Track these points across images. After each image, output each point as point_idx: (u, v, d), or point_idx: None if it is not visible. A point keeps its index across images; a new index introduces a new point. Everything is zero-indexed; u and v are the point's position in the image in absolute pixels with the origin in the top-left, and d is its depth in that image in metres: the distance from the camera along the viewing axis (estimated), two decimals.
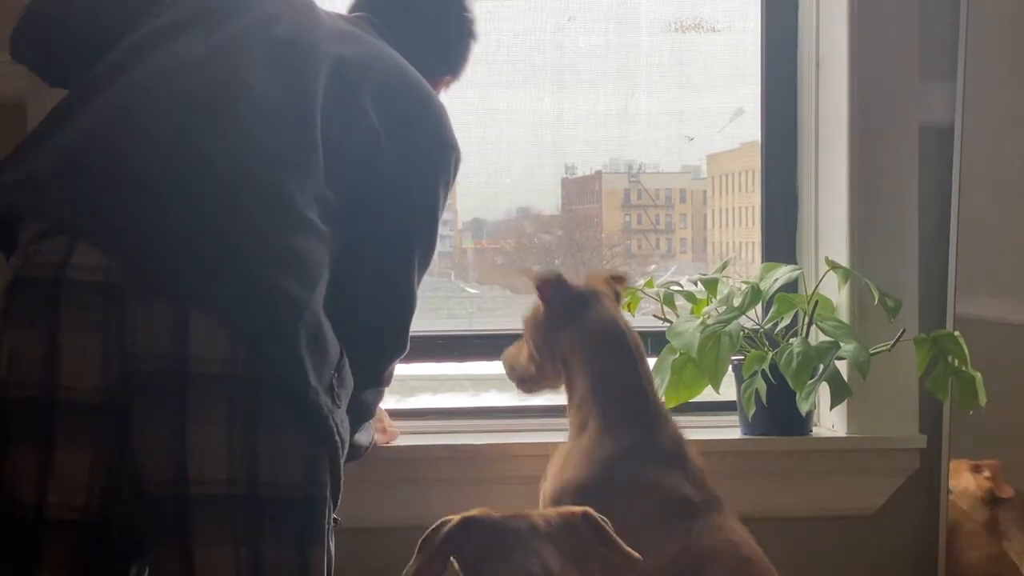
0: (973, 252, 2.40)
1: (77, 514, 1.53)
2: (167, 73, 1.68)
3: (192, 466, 1.54)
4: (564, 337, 2.00)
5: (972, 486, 2.35)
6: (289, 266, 1.60)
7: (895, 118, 2.38)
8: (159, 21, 1.75)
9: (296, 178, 1.65)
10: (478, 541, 1.59)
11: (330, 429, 1.63)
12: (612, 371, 1.97)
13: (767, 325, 2.32)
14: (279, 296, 1.58)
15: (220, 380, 1.54)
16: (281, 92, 1.69)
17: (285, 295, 1.58)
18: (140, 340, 1.53)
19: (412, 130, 1.81)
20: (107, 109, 1.65)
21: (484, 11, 2.49)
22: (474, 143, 2.55)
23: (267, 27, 1.76)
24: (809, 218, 2.50)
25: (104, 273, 1.54)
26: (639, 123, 2.60)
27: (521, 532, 1.58)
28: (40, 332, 1.54)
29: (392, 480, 2.23)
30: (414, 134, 1.81)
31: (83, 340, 1.53)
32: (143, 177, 1.59)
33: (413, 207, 1.82)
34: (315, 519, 1.63)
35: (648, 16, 2.58)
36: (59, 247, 1.55)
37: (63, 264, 1.54)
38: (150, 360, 1.53)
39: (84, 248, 1.55)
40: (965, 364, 2.20)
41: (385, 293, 1.81)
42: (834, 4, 2.42)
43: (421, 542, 1.59)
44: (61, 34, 1.82)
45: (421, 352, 2.44)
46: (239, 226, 1.59)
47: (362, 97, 1.75)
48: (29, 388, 1.54)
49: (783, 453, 2.33)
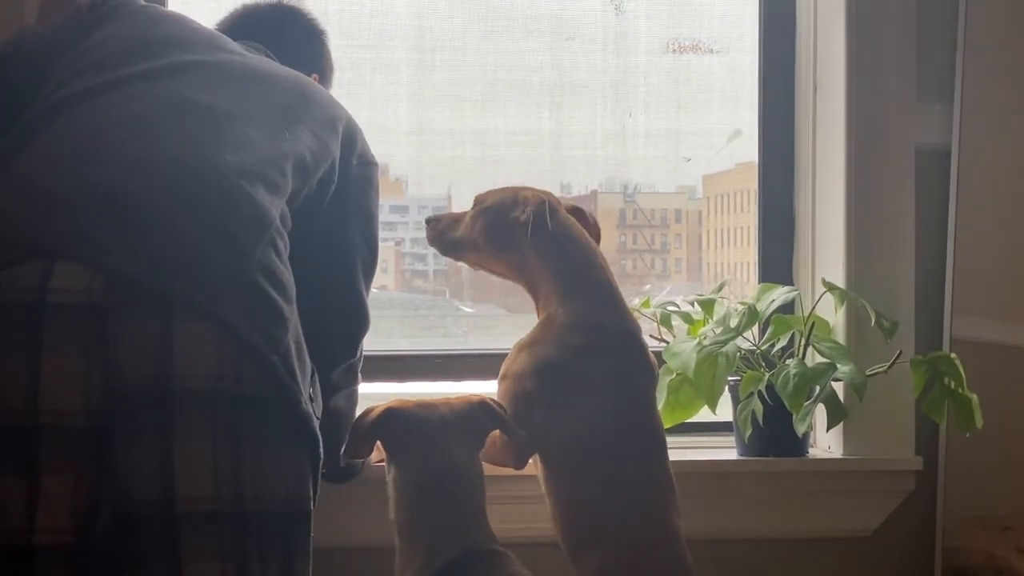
0: (970, 273, 2.40)
1: (66, 537, 1.52)
2: (123, 100, 1.71)
3: (179, 484, 1.53)
4: (528, 240, 2.04)
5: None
6: (274, 281, 1.62)
7: (892, 140, 2.39)
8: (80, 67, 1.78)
9: (270, 195, 1.68)
10: (396, 431, 1.89)
11: (316, 441, 1.65)
12: (577, 266, 2.04)
13: (764, 346, 2.32)
14: (272, 309, 1.60)
15: (205, 396, 1.54)
16: (249, 112, 1.75)
17: (276, 308, 1.60)
18: (125, 360, 1.52)
19: (344, 151, 1.88)
20: (60, 140, 1.66)
21: (481, 33, 2.51)
22: (470, 163, 2.56)
23: (213, 57, 1.83)
24: (806, 239, 2.50)
25: (86, 294, 1.53)
26: (636, 144, 2.61)
27: (432, 423, 1.90)
28: (20, 358, 1.52)
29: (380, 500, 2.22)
30: (345, 155, 1.88)
31: (67, 364, 1.52)
32: (122, 194, 1.59)
33: (352, 228, 1.91)
34: (301, 533, 1.63)
35: (646, 37, 2.58)
36: (35, 271, 1.54)
37: (42, 287, 1.53)
38: (135, 379, 1.52)
39: (64, 270, 1.54)
40: (961, 386, 2.20)
41: (333, 304, 1.88)
42: (832, 26, 2.43)
43: (351, 428, 1.90)
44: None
45: (417, 371, 2.46)
46: (227, 241, 1.60)
47: (303, 118, 1.82)
48: (10, 415, 1.52)
49: (779, 474, 2.33)
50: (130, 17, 1.89)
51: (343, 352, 1.93)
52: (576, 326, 2.00)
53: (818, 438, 2.43)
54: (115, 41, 1.83)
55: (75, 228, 1.57)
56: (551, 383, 1.98)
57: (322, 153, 1.82)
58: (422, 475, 1.87)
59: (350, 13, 2.50)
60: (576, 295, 2.03)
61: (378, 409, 1.90)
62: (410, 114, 2.53)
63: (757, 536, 2.33)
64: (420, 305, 2.70)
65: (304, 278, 1.73)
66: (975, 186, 2.40)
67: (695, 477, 2.19)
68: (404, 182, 2.66)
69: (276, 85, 1.85)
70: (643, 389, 2.03)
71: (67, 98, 1.72)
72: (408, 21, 2.52)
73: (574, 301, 2.02)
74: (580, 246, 2.06)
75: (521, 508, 2.07)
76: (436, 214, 2.20)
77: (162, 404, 1.52)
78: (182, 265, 1.56)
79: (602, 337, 2.00)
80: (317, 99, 1.90)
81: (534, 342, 2.03)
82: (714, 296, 2.35)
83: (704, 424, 2.38)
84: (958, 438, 2.31)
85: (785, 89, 2.54)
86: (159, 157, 1.64)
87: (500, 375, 2.06)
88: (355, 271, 1.92)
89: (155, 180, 1.61)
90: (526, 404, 1.98)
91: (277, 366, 1.58)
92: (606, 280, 2.05)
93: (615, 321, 2.03)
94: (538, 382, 1.99)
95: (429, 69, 2.53)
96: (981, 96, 2.40)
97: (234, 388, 1.55)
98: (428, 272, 2.74)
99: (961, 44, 2.40)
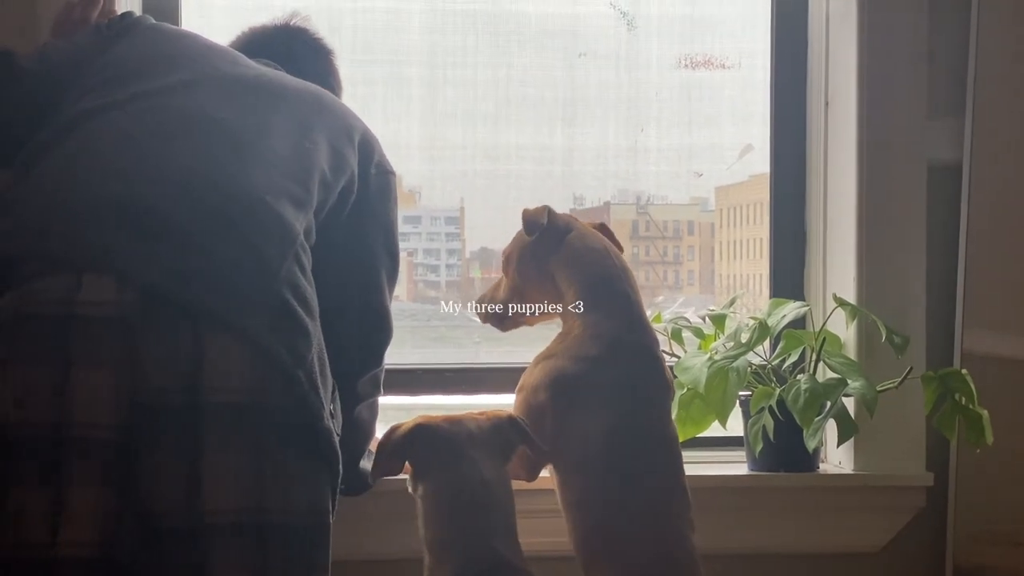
0: (981, 289, 2.40)
1: (90, 551, 1.52)
2: (142, 113, 1.72)
3: (206, 496, 1.54)
4: (553, 259, 2.08)
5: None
6: (299, 296, 1.64)
7: (903, 155, 2.39)
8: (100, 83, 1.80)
9: (295, 210, 1.70)
10: (425, 448, 1.90)
11: (337, 456, 1.66)
12: (598, 279, 2.05)
13: (775, 361, 2.32)
14: (297, 325, 1.62)
15: (232, 410, 1.56)
16: (267, 125, 1.77)
17: (301, 324, 1.62)
18: (153, 373, 1.53)
19: (364, 167, 1.90)
20: (80, 153, 1.68)
21: (495, 48, 2.52)
22: (483, 177, 2.57)
23: (228, 71, 1.85)
24: (817, 255, 2.50)
25: (116, 307, 1.54)
26: (648, 159, 2.61)
27: (461, 439, 1.90)
28: (50, 370, 1.53)
29: (398, 514, 2.23)
30: (363, 165, 1.90)
31: (96, 376, 1.53)
32: (145, 208, 1.61)
33: (374, 238, 1.92)
34: (320, 546, 1.65)
35: (658, 53, 2.59)
36: (63, 284, 1.55)
37: (71, 300, 1.54)
38: (163, 392, 1.54)
39: (92, 283, 1.55)
40: (972, 402, 2.20)
41: (356, 314, 1.89)
42: (843, 42, 2.43)
43: (378, 445, 1.91)
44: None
45: (430, 384, 2.46)
46: (254, 256, 1.62)
47: (320, 130, 1.84)
48: (38, 427, 1.52)
49: (790, 489, 2.33)
50: (146, 34, 1.91)
51: (369, 362, 1.94)
52: (592, 339, 2.01)
53: (829, 454, 2.43)
54: (132, 57, 1.85)
55: (101, 241, 1.58)
56: (564, 396, 1.99)
57: (341, 164, 1.84)
58: (452, 492, 1.88)
59: (363, 29, 2.51)
60: (595, 308, 2.03)
61: (407, 426, 1.91)
62: (422, 129, 2.54)
63: (767, 551, 2.33)
64: (432, 315, 2.70)
65: (327, 288, 1.74)
66: (986, 202, 2.40)
67: (705, 492, 2.19)
68: (417, 193, 2.67)
69: (292, 98, 1.87)
70: (658, 403, 2.04)
71: (86, 112, 1.74)
72: (421, 37, 2.53)
73: (592, 314, 2.03)
74: (600, 257, 2.07)
75: (544, 522, 2.07)
76: (481, 298, 2.22)
77: (190, 417, 1.54)
78: (210, 280, 1.58)
79: (617, 350, 2.01)
80: (333, 110, 1.92)
81: (550, 355, 2.05)
82: (725, 311, 2.36)
83: (715, 439, 2.39)
84: (969, 454, 2.31)
85: (797, 105, 2.54)
86: (180, 171, 1.66)
87: (517, 387, 2.08)
88: (378, 280, 1.94)
89: (179, 194, 1.63)
90: (539, 416, 1.99)
91: (301, 381, 1.60)
92: (625, 292, 2.05)
93: (632, 334, 2.03)
94: (551, 395, 2.00)
95: (441, 84, 2.54)
96: (993, 112, 2.40)
97: (260, 402, 1.57)
98: (440, 283, 2.75)
99: (973, 60, 2.40)
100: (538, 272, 2.10)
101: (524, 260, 2.11)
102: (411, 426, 1.90)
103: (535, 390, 2.02)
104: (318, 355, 1.65)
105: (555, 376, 2.01)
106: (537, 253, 2.09)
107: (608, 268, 2.07)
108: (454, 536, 1.86)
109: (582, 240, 2.09)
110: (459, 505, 1.87)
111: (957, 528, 2.38)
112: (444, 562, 1.85)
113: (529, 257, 2.11)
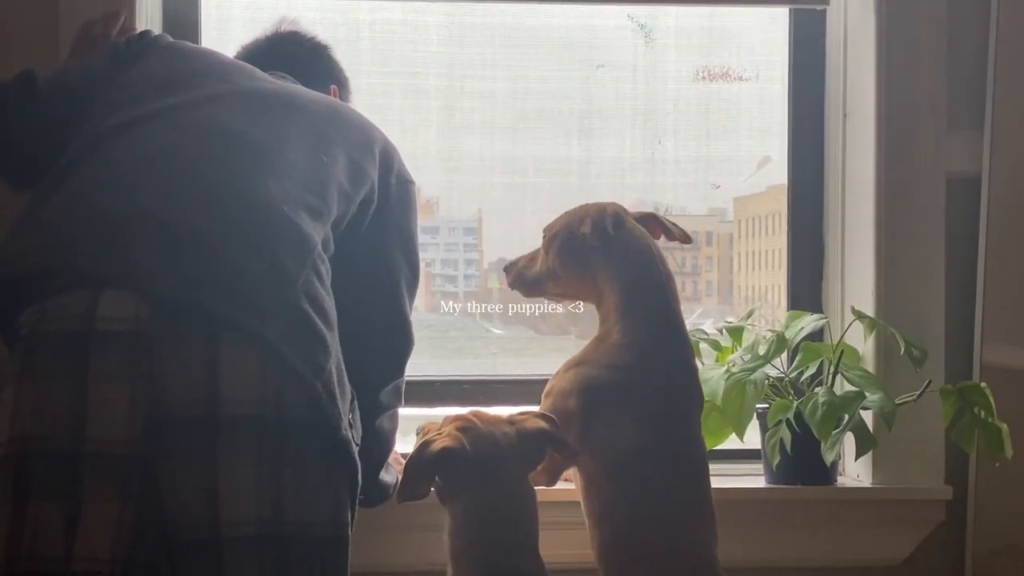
0: (1000, 302, 2.39)
1: (105, 567, 1.53)
2: (163, 129, 1.74)
3: (223, 508, 1.55)
4: (598, 254, 2.05)
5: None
6: (317, 307, 1.64)
7: (922, 168, 2.38)
8: (124, 99, 1.81)
9: (313, 220, 1.70)
10: (452, 471, 1.88)
11: (356, 468, 1.67)
12: (639, 284, 2.04)
13: (792, 374, 2.32)
14: (315, 336, 1.62)
15: (250, 421, 1.56)
16: (286, 137, 1.78)
17: (319, 334, 1.63)
18: (170, 386, 1.54)
19: (383, 178, 1.90)
20: (103, 170, 1.69)
21: (513, 60, 2.52)
22: (500, 188, 2.58)
23: (246, 85, 1.86)
24: (835, 267, 2.50)
25: (134, 322, 1.55)
26: (666, 170, 2.61)
27: (491, 458, 1.88)
28: (67, 384, 1.54)
29: (417, 525, 2.22)
30: (383, 175, 1.91)
31: (113, 391, 1.53)
32: (166, 221, 1.62)
33: (395, 248, 1.93)
34: (339, 558, 1.65)
35: (675, 65, 2.59)
36: (82, 299, 1.56)
37: (90, 316, 1.55)
38: (181, 405, 1.54)
39: (111, 298, 1.56)
40: (991, 415, 2.20)
41: (378, 324, 1.90)
42: (862, 54, 2.43)
43: (406, 466, 1.89)
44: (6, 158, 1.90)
45: (447, 396, 2.46)
46: (272, 267, 1.62)
47: (339, 142, 1.84)
48: (55, 441, 1.53)
49: (808, 503, 2.32)
50: (165, 52, 1.93)
51: (391, 371, 1.95)
52: (626, 346, 2.01)
53: (847, 467, 2.42)
54: (152, 75, 1.86)
55: (122, 256, 1.59)
56: (594, 404, 1.99)
57: (360, 175, 1.84)
58: (480, 511, 1.88)
59: (382, 40, 2.53)
60: (632, 313, 2.02)
61: (436, 447, 1.88)
62: (440, 140, 2.55)
63: (785, 565, 2.33)
64: (449, 326, 2.70)
65: (348, 299, 1.75)
66: (1005, 214, 2.39)
67: (723, 505, 2.17)
68: (435, 203, 2.67)
69: (310, 110, 1.88)
70: (687, 413, 2.03)
71: (108, 130, 1.75)
72: (439, 48, 2.54)
73: (628, 319, 2.02)
74: (646, 260, 2.06)
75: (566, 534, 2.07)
76: (511, 260, 2.21)
77: (208, 429, 1.55)
78: (228, 290, 1.59)
79: (650, 361, 2.00)
80: (351, 122, 1.93)
81: (583, 361, 2.04)
82: (743, 323, 2.36)
83: (732, 451, 2.38)
84: (988, 467, 2.30)
85: (815, 117, 2.54)
86: (202, 184, 1.67)
87: (545, 391, 2.08)
88: (399, 290, 1.94)
89: (199, 207, 1.64)
90: (566, 422, 1.99)
91: (320, 392, 1.60)
92: (665, 301, 2.04)
93: (666, 343, 2.03)
94: (581, 402, 1.99)
95: (459, 96, 2.55)
96: (1012, 124, 2.39)
97: (278, 413, 1.57)
98: (458, 293, 2.75)
99: (992, 72, 2.40)
100: (579, 264, 2.09)
101: (568, 247, 2.09)
102: (439, 449, 1.87)
103: (565, 395, 2.02)
104: (336, 365, 1.65)
105: (586, 384, 2.00)
106: (584, 243, 2.06)
107: (652, 274, 2.05)
108: (479, 550, 1.86)
109: (632, 240, 2.07)
110: (486, 522, 1.87)
111: (976, 542, 2.37)
112: (467, 574, 1.85)
113: (575, 246, 2.08)
